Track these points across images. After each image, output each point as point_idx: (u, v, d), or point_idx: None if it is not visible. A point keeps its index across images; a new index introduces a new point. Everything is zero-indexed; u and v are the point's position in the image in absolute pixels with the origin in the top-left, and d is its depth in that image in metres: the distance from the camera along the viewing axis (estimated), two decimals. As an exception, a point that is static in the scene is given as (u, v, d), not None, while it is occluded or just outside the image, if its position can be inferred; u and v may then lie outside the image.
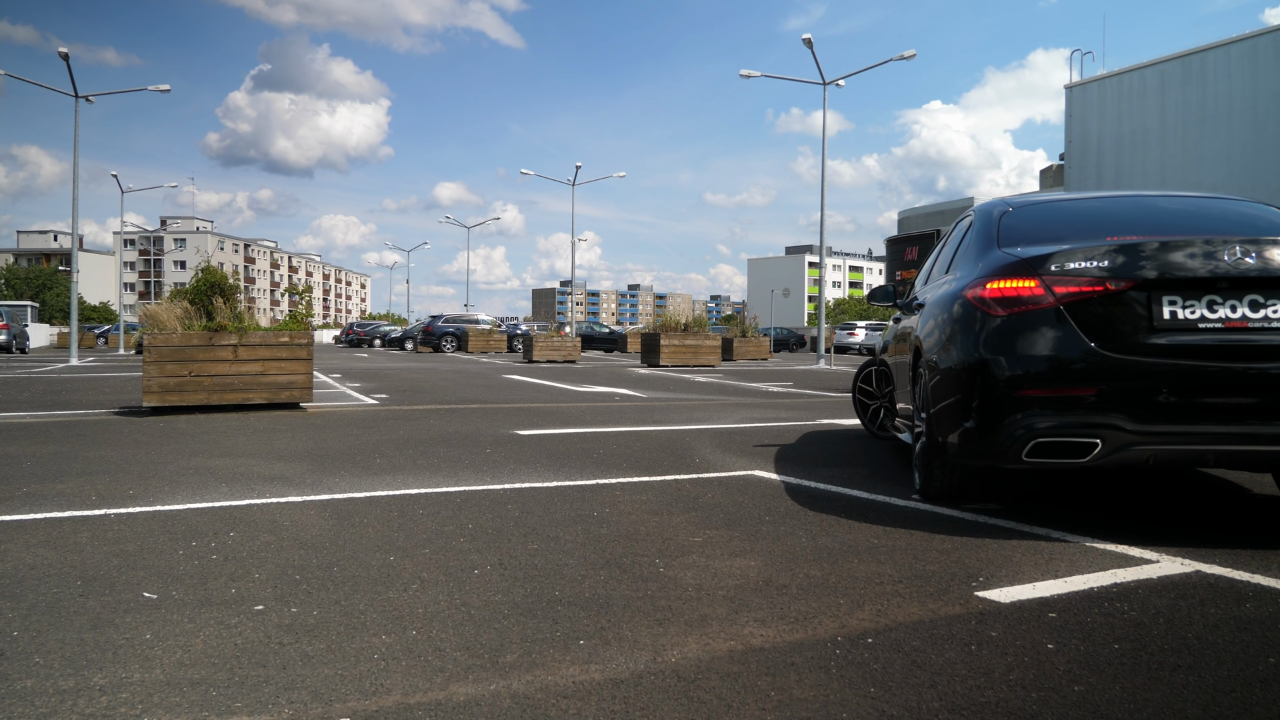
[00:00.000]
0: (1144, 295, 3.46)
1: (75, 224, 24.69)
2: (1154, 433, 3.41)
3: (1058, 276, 3.57)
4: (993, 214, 4.52)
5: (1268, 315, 3.36)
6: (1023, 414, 3.54)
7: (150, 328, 8.97)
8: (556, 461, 5.69)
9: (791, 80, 26.90)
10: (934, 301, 4.41)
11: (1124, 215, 4.41)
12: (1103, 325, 3.48)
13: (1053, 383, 3.51)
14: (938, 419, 4.04)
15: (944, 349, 4.03)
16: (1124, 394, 3.42)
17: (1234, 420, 3.37)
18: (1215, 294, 3.42)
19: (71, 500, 4.27)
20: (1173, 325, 3.43)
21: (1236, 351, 3.37)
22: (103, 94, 26.93)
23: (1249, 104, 24.29)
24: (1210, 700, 2.03)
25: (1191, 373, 3.37)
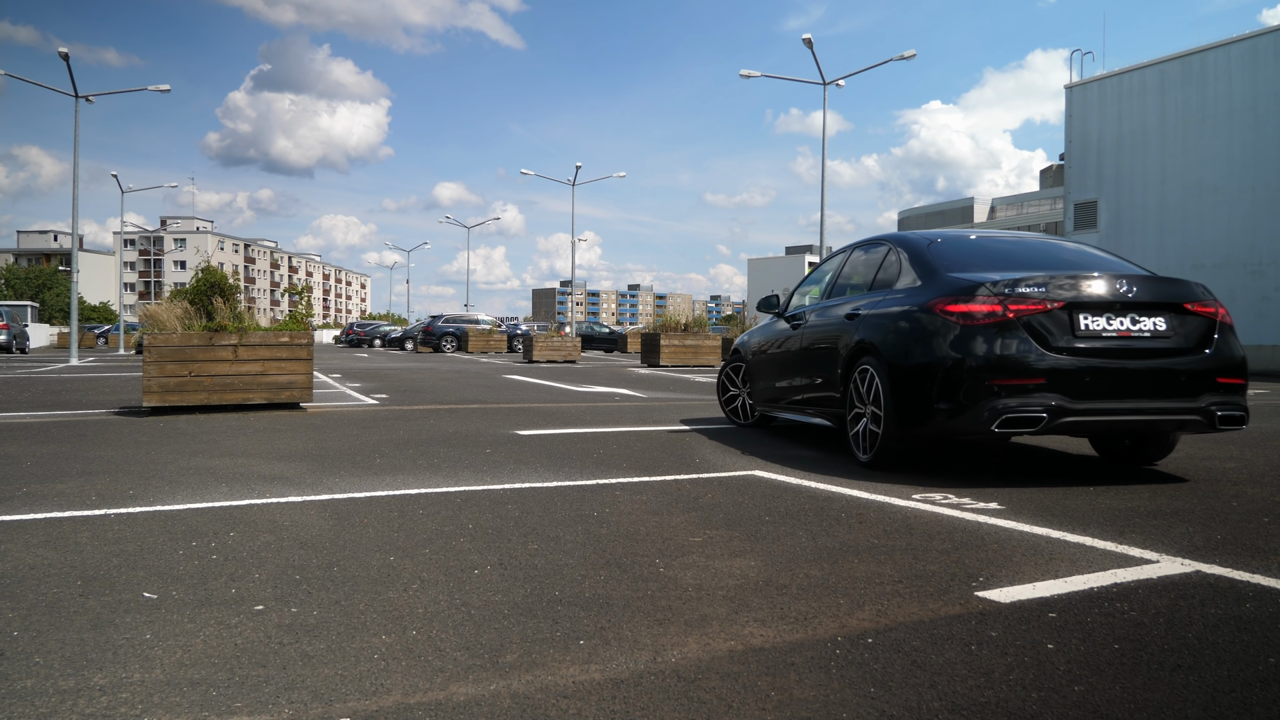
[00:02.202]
0: (1068, 312, 4.79)
1: (75, 224, 24.69)
2: (1080, 408, 4.70)
3: (1011, 297, 4.81)
4: (921, 245, 5.77)
5: (1142, 327, 4.85)
6: (994, 397, 4.72)
7: (150, 328, 8.97)
8: (556, 461, 5.69)
9: (791, 80, 26.91)
10: (887, 314, 5.44)
11: (1021, 253, 5.76)
12: (1043, 332, 4.76)
13: (1014, 374, 4.72)
14: (904, 405, 5.09)
15: (911, 350, 5.10)
16: (1060, 381, 4.70)
17: (1128, 397, 4.76)
18: (1111, 312, 4.83)
19: (71, 500, 4.27)
20: (1088, 333, 4.79)
21: (1126, 352, 4.80)
22: (103, 94, 26.95)
23: (1249, 104, 24.28)
24: (1210, 700, 2.03)
25: (1101, 365, 4.74)
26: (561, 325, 49.03)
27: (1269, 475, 5.38)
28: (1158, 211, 26.72)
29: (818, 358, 6.36)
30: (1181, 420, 4.86)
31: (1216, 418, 4.83)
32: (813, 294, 7.18)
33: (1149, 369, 4.79)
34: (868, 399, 5.43)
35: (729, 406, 8.26)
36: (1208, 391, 4.85)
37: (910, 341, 5.13)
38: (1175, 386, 4.81)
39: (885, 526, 3.82)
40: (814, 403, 6.43)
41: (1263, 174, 23.86)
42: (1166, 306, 4.92)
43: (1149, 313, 4.87)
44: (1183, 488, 4.86)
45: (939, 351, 4.92)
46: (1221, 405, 4.86)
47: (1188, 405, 4.80)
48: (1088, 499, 4.50)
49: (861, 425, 5.51)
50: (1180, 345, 4.88)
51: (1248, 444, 7.03)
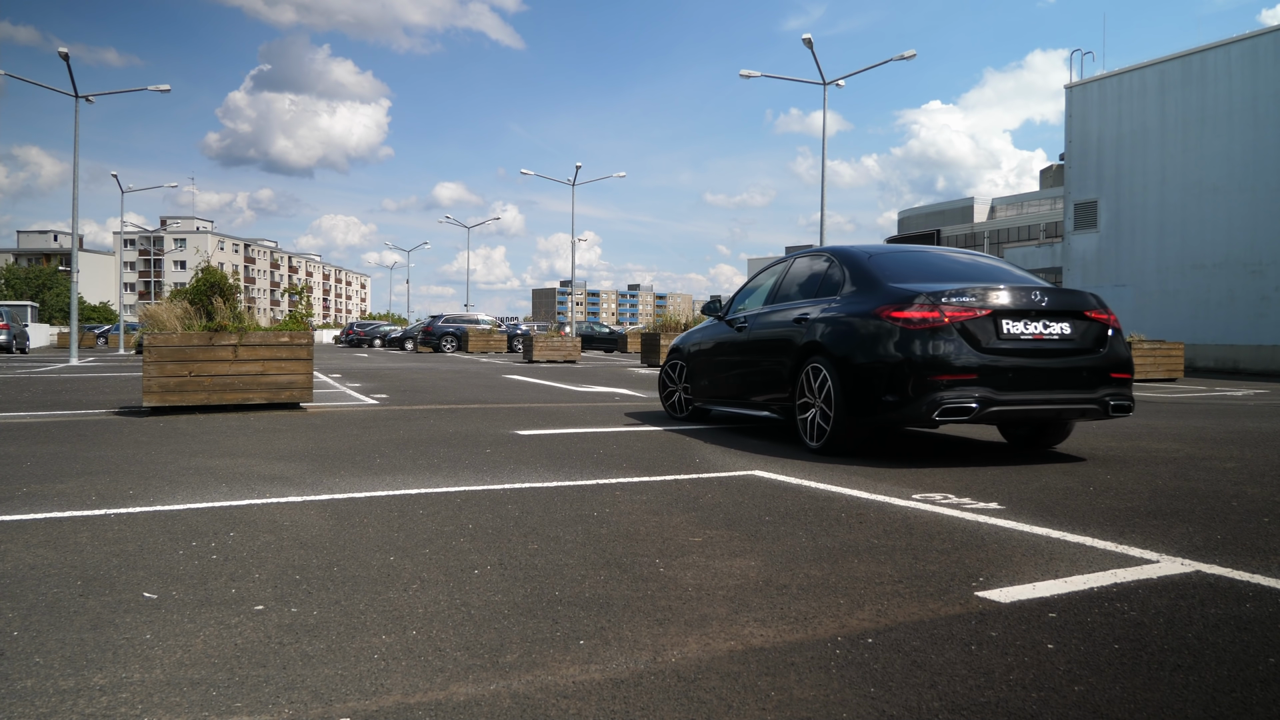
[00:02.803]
0: (994, 318, 5.57)
1: (75, 224, 24.70)
2: (1004, 399, 5.48)
3: (947, 305, 5.56)
4: (862, 258, 6.50)
5: (1052, 331, 5.68)
6: (934, 392, 5.44)
7: (150, 328, 8.97)
8: (556, 461, 5.69)
9: (791, 80, 26.90)
10: (838, 319, 6.12)
11: (946, 265, 6.55)
12: (975, 335, 5.52)
13: (951, 370, 5.45)
14: (854, 398, 5.80)
15: (863, 350, 5.78)
16: (989, 376, 5.47)
17: (1040, 390, 5.58)
18: (1028, 318, 5.63)
19: (71, 500, 4.27)
20: (1009, 336, 5.58)
21: (1040, 352, 5.61)
22: (103, 94, 26.94)
23: (1249, 104, 24.27)
24: (1210, 700, 2.03)
25: (1021, 364, 5.54)
26: (561, 325, 49.01)
27: (1269, 475, 5.38)
28: (1158, 211, 26.72)
29: (766, 357, 6.94)
30: (1083, 409, 5.73)
31: (1110, 406, 5.75)
32: (754, 299, 7.73)
33: (1058, 366, 5.64)
34: (818, 393, 6.11)
35: (668, 402, 8.81)
36: (1103, 385, 5.74)
37: (859, 343, 5.83)
38: (1078, 381, 5.68)
39: (885, 526, 3.82)
40: (762, 396, 7.01)
41: (1263, 174, 23.86)
42: (1071, 314, 5.76)
43: (1057, 319, 5.70)
44: (1183, 488, 4.86)
45: (885, 352, 5.62)
46: (1114, 396, 5.77)
47: (1088, 396, 5.69)
48: (1088, 499, 4.50)
49: (811, 417, 6.20)
50: (1082, 346, 5.75)
51: (1248, 444, 7.03)
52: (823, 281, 6.68)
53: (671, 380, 8.73)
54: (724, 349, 7.73)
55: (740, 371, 7.38)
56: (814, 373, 6.15)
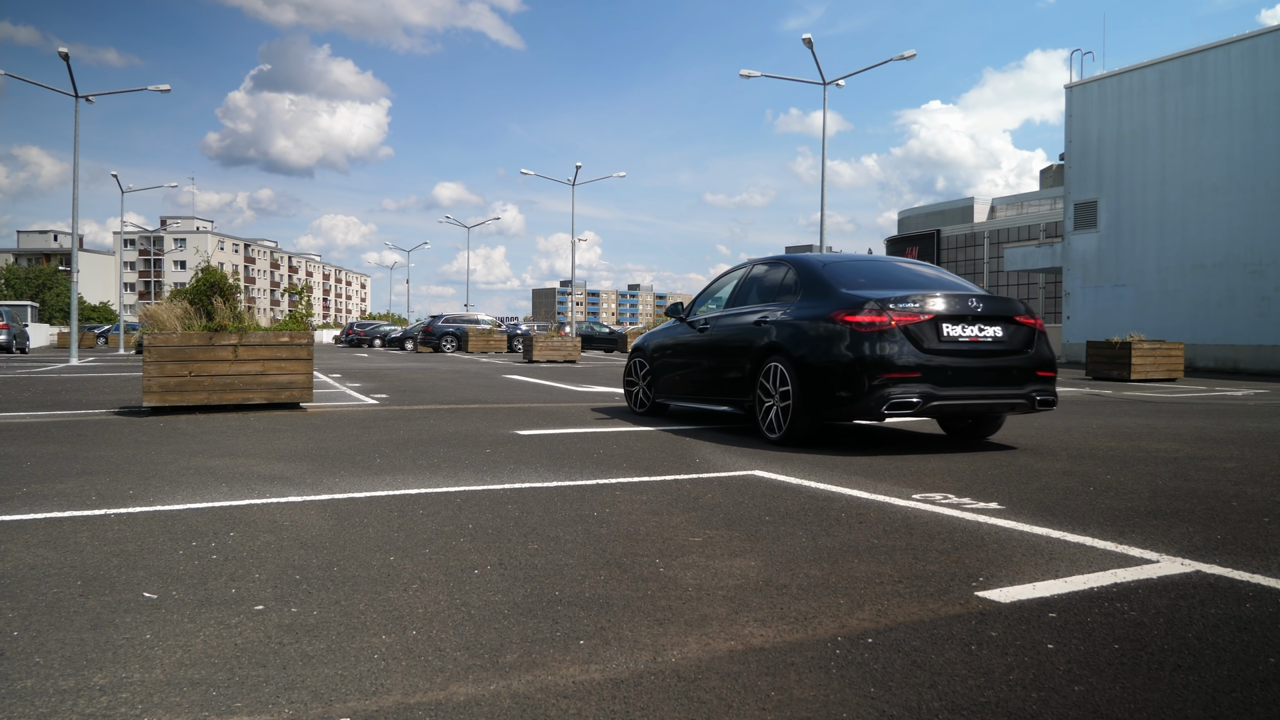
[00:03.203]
0: (935, 322, 6.14)
1: (75, 224, 24.70)
2: (944, 395, 6.05)
3: (895, 310, 6.11)
4: (817, 266, 7.06)
5: (986, 334, 6.27)
6: (882, 388, 5.97)
7: (150, 328, 8.97)
8: (556, 461, 5.69)
9: (791, 80, 26.90)
10: (795, 321, 6.66)
11: (891, 273, 7.14)
12: (918, 337, 6.08)
13: (896, 369, 5.99)
14: (811, 394, 6.33)
15: (819, 351, 6.32)
16: (930, 374, 6.02)
17: (975, 386, 6.15)
18: (965, 321, 6.21)
19: (71, 500, 4.27)
20: (949, 338, 6.16)
21: (976, 353, 6.20)
22: (103, 94, 26.94)
23: (1249, 104, 24.27)
24: (1210, 700, 2.03)
25: (958, 363, 6.11)
26: (561, 325, 49.01)
27: (1269, 475, 5.38)
28: (1158, 211, 26.71)
29: (728, 356, 7.45)
30: (1013, 403, 6.31)
31: (1036, 401, 6.34)
32: (715, 303, 8.29)
33: (991, 366, 6.25)
34: (777, 390, 6.65)
35: (630, 397, 9.44)
36: (1031, 382, 6.35)
37: (815, 344, 6.37)
38: (1009, 378, 6.28)
39: (885, 526, 3.82)
40: (722, 392, 7.55)
41: (1263, 174, 23.85)
42: (1003, 319, 6.36)
43: (991, 324, 6.30)
44: (1183, 488, 4.86)
45: (839, 352, 6.16)
46: (1040, 392, 6.37)
47: (1018, 392, 6.28)
48: (1088, 499, 4.50)
49: (772, 411, 6.73)
50: (1012, 348, 6.36)
51: (1248, 444, 7.03)
52: (781, 287, 7.25)
53: (634, 376, 9.30)
54: (687, 349, 8.23)
55: (703, 370, 7.88)
56: (773, 371, 6.70)
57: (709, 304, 8.42)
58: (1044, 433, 7.72)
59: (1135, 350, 17.44)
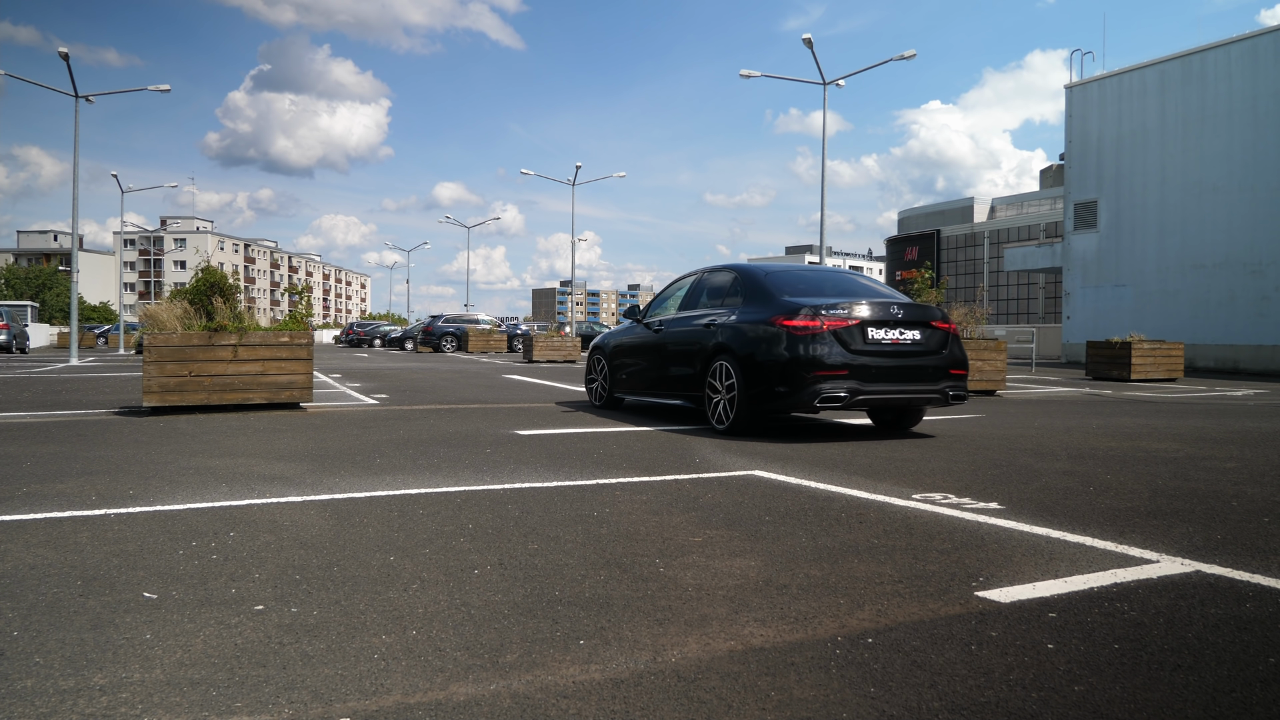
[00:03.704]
0: (861, 326, 6.90)
1: (75, 224, 24.70)
2: (869, 390, 6.82)
3: (826, 316, 6.85)
4: (760, 275, 7.82)
5: (906, 337, 7.04)
6: (814, 384, 6.73)
7: (150, 328, 8.97)
8: (556, 461, 5.69)
9: (791, 80, 26.90)
10: (739, 325, 7.38)
11: (826, 281, 7.90)
12: (846, 340, 6.84)
13: (827, 368, 6.74)
14: (754, 389, 7.03)
15: (760, 351, 7.03)
16: (856, 372, 6.78)
17: (896, 383, 6.94)
18: (887, 326, 6.98)
19: (71, 500, 4.27)
20: (874, 340, 6.92)
21: (896, 354, 6.98)
22: (103, 94, 26.94)
23: (1249, 104, 24.27)
24: (1210, 700, 2.03)
25: (881, 363, 6.88)
26: (561, 325, 49.01)
27: (1269, 475, 5.38)
28: (1158, 211, 26.71)
29: (681, 355, 8.19)
30: (929, 397, 7.12)
31: (949, 396, 7.16)
32: (668, 307, 9.06)
33: (910, 365, 7.00)
34: (723, 387, 7.38)
35: (590, 391, 10.23)
36: (945, 379, 7.15)
37: (757, 345, 7.09)
38: (926, 376, 7.07)
39: (885, 526, 3.82)
40: (675, 388, 8.29)
41: (1263, 174, 23.85)
42: (921, 323, 7.13)
43: (910, 328, 7.07)
44: (1183, 488, 4.86)
45: (778, 352, 6.87)
46: (952, 388, 7.19)
47: (933, 388, 7.09)
48: (1088, 499, 4.50)
49: (719, 405, 7.43)
50: (929, 349, 7.12)
51: (1248, 444, 7.03)
52: (728, 293, 8.00)
53: (594, 373, 10.09)
54: (643, 348, 8.99)
55: (657, 367, 8.63)
56: (720, 369, 7.43)
57: (663, 307, 9.16)
58: (1044, 433, 7.73)
59: (1135, 350, 17.45)
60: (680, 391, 8.16)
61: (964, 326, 12.92)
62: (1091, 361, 18.52)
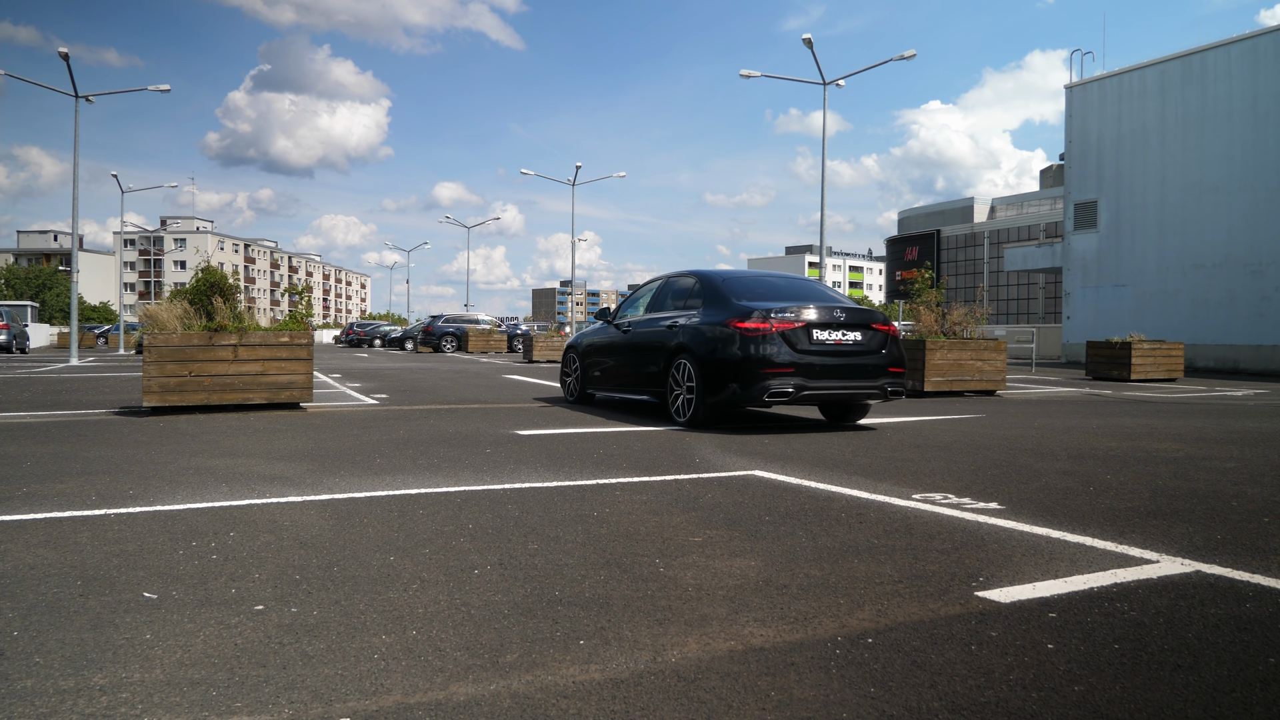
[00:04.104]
0: (807, 327, 7.49)
1: (75, 224, 24.70)
2: (813, 386, 7.42)
3: (775, 318, 7.44)
4: (717, 280, 8.43)
5: (848, 338, 7.62)
6: (764, 381, 7.33)
7: (150, 328, 8.97)
8: (556, 461, 5.69)
9: (791, 80, 26.90)
10: (698, 327, 7.99)
11: (778, 285, 8.52)
12: (793, 340, 7.43)
13: (775, 366, 7.33)
14: (710, 385, 7.63)
15: (714, 350, 7.65)
16: (802, 370, 7.39)
17: (838, 379, 7.53)
18: (831, 328, 7.58)
19: (71, 500, 4.27)
20: (818, 340, 7.52)
21: (839, 353, 7.58)
22: (103, 94, 26.94)
23: (1249, 104, 24.27)
24: (1210, 700, 2.03)
25: (824, 361, 7.49)
26: (561, 325, 49.01)
27: (1269, 475, 5.38)
28: (1158, 211, 26.71)
29: (646, 354, 8.80)
30: (869, 393, 7.70)
31: (888, 391, 7.73)
32: (637, 309, 9.70)
33: (852, 363, 7.61)
34: (684, 382, 8.01)
35: (564, 387, 10.94)
36: (883, 376, 7.73)
37: (714, 345, 7.69)
38: (866, 373, 7.64)
39: (885, 526, 3.82)
40: (641, 385, 8.89)
41: (1263, 174, 23.85)
42: (862, 325, 7.72)
43: (852, 329, 7.67)
44: (1183, 488, 4.86)
45: (732, 352, 7.47)
46: (891, 384, 7.76)
47: (872, 384, 7.66)
48: (1088, 499, 4.50)
49: (680, 400, 8.06)
50: (869, 349, 7.71)
51: (1248, 444, 7.03)
52: (689, 297, 8.63)
53: (568, 370, 10.81)
54: (613, 348, 9.64)
55: (626, 365, 9.26)
56: (681, 367, 8.05)
57: (632, 309, 9.79)
58: (1044, 433, 7.73)
59: (1135, 350, 17.45)
60: (646, 388, 8.75)
61: (964, 326, 12.92)
62: (1091, 361, 18.53)
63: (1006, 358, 13.09)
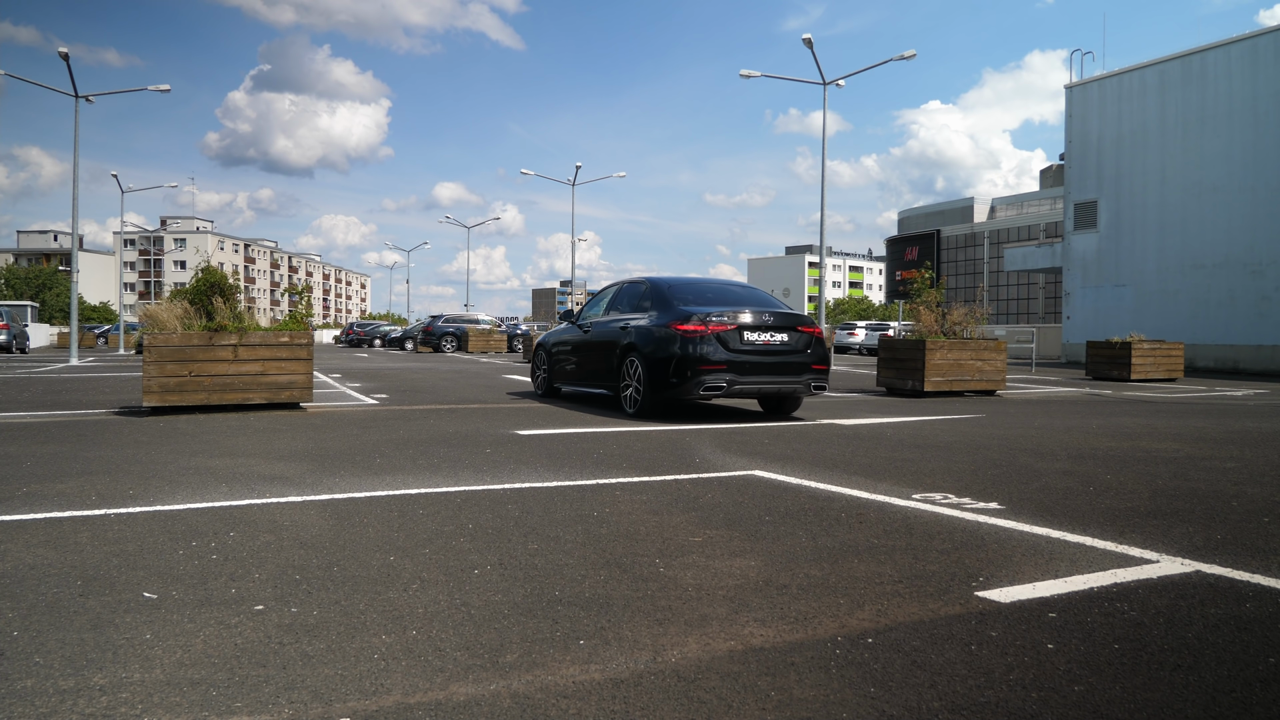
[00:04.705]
0: (739, 331, 8.38)
1: (75, 224, 24.71)
2: (743, 382, 8.31)
3: (711, 321, 8.36)
4: (664, 286, 9.36)
5: (775, 339, 8.49)
6: (700, 376, 8.23)
7: (150, 328, 8.97)
8: (556, 461, 5.69)
9: (791, 80, 26.91)
10: (645, 328, 8.89)
11: (715, 290, 9.44)
12: (727, 341, 8.32)
13: (711, 363, 8.23)
14: (654, 380, 8.53)
15: (657, 349, 8.56)
16: (734, 367, 8.27)
17: (767, 375, 8.41)
18: (760, 330, 8.46)
19: (71, 500, 4.27)
20: (748, 341, 8.38)
21: (767, 352, 8.45)
22: (103, 94, 26.95)
23: (1249, 104, 24.27)
24: (1210, 700, 2.03)
25: (754, 359, 8.36)
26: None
27: (1269, 475, 5.38)
28: (1158, 211, 26.71)
29: (602, 352, 9.75)
30: (795, 389, 8.64)
31: (811, 386, 8.68)
32: (597, 310, 10.67)
33: (779, 361, 8.51)
34: (633, 378, 8.92)
35: (534, 381, 11.97)
36: (807, 373, 8.65)
37: (657, 344, 8.59)
38: (792, 370, 8.56)
39: (885, 526, 3.82)
40: (598, 380, 9.87)
41: (1263, 174, 23.85)
42: (789, 328, 8.62)
43: (780, 331, 8.58)
44: (1183, 488, 4.86)
45: (673, 351, 8.38)
46: (814, 380, 8.69)
47: (797, 380, 8.60)
48: (1088, 499, 4.50)
49: (629, 393, 8.99)
50: (795, 349, 8.63)
51: (1248, 444, 7.03)
52: (639, 301, 9.57)
53: (537, 366, 11.90)
54: (576, 346, 10.63)
55: (586, 362, 10.25)
56: (631, 364, 8.97)
57: (594, 310, 10.76)
58: (1044, 433, 7.73)
59: (1135, 350, 17.45)
60: (603, 382, 9.71)
61: (964, 326, 12.92)
62: (1091, 361, 18.53)
63: (1006, 358, 13.09)
